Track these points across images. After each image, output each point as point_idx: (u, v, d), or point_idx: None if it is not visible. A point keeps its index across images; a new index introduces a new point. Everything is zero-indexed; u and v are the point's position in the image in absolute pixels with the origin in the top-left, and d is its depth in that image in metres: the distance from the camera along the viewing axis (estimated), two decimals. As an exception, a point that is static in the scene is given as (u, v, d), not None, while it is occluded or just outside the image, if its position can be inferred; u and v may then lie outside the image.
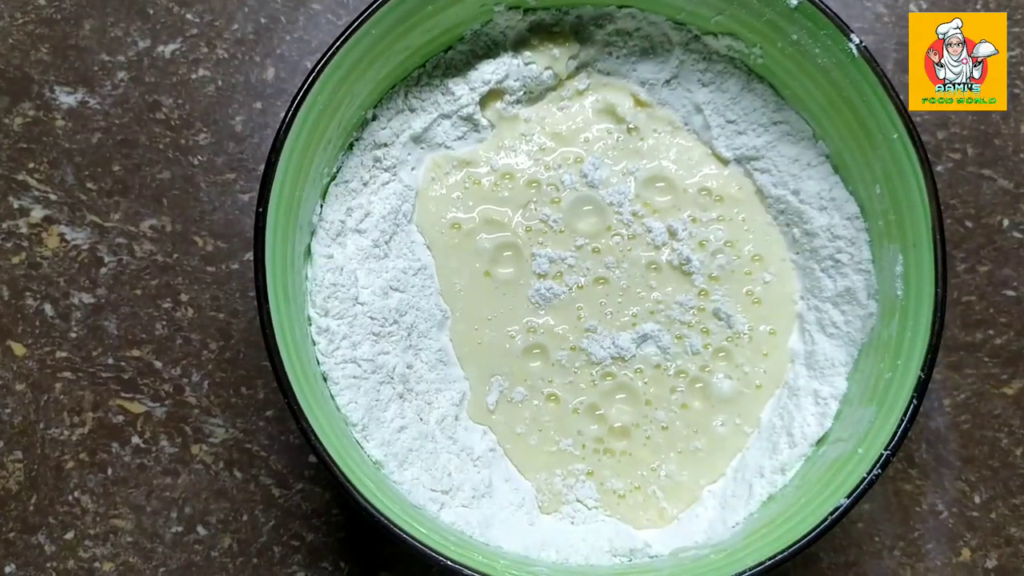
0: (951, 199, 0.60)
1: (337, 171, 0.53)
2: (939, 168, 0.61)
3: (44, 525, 0.57)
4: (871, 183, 0.50)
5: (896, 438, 0.44)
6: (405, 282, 0.54)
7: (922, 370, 0.45)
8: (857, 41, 0.47)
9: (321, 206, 0.52)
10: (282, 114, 0.47)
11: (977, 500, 0.58)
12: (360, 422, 0.49)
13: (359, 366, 0.51)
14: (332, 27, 0.62)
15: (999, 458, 0.58)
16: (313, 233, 0.51)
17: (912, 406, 0.44)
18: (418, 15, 0.50)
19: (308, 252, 0.51)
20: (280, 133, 0.47)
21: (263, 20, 0.62)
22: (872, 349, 0.50)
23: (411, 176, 0.55)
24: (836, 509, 0.44)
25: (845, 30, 0.48)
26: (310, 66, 0.48)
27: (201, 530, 0.57)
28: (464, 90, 0.55)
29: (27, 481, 0.57)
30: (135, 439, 0.58)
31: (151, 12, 0.62)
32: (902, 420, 0.44)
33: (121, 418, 0.58)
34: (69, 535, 0.57)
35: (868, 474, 0.44)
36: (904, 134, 0.47)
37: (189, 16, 0.62)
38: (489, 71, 0.55)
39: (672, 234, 0.55)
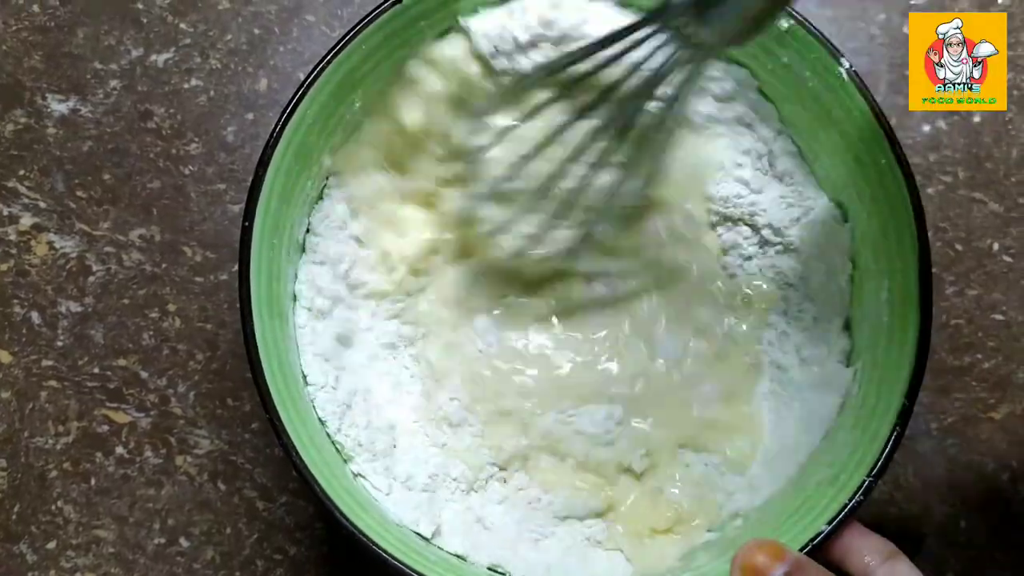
0: (941, 222, 0.60)
1: (327, 185, 0.53)
2: (930, 191, 0.60)
3: (26, 534, 0.57)
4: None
5: (879, 465, 0.44)
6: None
7: (906, 397, 0.44)
8: (847, 66, 0.47)
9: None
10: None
11: (962, 525, 0.58)
12: (345, 439, 0.49)
13: (345, 382, 0.50)
14: (325, 39, 0.62)
15: (985, 483, 0.58)
16: (303, 248, 0.51)
17: (896, 433, 0.44)
18: (412, 30, 0.50)
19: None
20: (268, 145, 0.47)
21: (256, 31, 0.62)
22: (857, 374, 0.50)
23: (403, 191, 0.55)
24: (817, 536, 0.43)
25: (835, 54, 0.48)
26: (303, 77, 0.48)
27: (184, 542, 0.57)
28: (456, 106, 0.54)
29: (10, 490, 0.57)
30: (119, 449, 0.57)
31: (145, 21, 0.62)
32: (885, 447, 0.44)
33: (106, 428, 0.58)
34: (51, 545, 0.57)
35: (850, 501, 0.44)
36: (893, 160, 0.47)
37: (183, 26, 0.62)
38: (480, 87, 0.54)
39: None
